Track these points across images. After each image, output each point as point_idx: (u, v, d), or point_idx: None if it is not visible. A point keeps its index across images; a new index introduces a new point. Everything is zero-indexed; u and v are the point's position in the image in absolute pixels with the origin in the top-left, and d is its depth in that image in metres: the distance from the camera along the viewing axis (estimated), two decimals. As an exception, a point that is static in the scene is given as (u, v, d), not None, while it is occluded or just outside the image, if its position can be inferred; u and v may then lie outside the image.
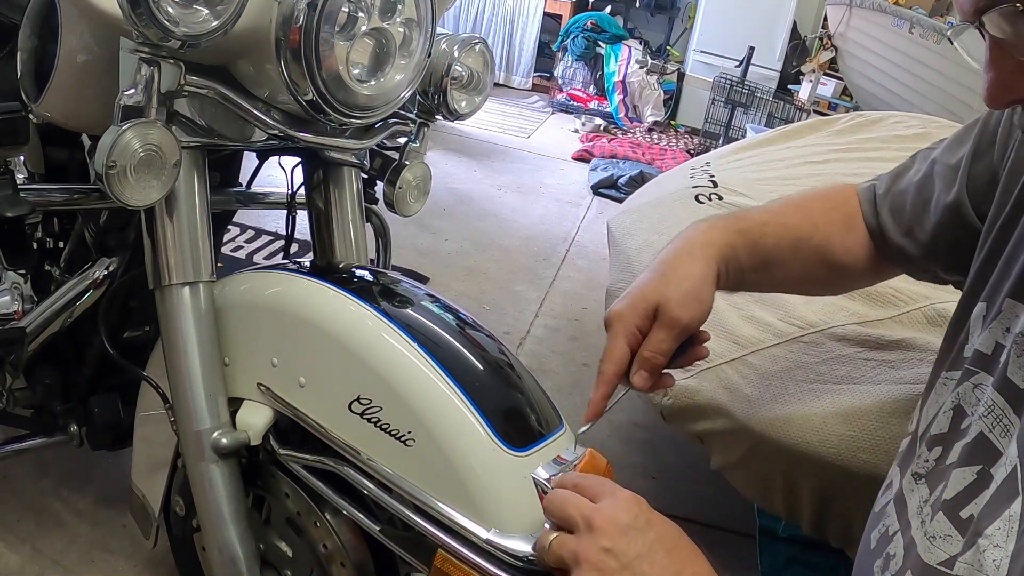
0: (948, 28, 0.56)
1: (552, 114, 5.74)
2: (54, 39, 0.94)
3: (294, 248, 1.35)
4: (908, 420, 0.80)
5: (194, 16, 0.77)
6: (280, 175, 1.19)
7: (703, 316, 0.85)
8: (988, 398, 0.65)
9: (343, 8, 0.85)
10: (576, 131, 5.31)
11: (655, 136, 5.39)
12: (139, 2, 0.72)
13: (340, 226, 1.10)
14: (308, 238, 1.14)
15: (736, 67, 5.09)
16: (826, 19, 5.26)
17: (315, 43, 0.83)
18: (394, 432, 0.84)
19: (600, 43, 5.80)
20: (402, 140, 1.10)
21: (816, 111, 4.97)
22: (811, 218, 0.94)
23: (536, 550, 0.72)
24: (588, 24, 5.83)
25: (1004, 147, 0.77)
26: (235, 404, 0.98)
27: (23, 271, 1.19)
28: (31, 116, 1.01)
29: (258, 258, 2.73)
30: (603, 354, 0.84)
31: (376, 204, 1.23)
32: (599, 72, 5.87)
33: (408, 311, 0.93)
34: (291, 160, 1.14)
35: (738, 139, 4.18)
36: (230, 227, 2.41)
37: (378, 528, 0.91)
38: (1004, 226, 0.73)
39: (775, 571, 1.60)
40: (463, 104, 1.09)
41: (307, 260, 1.11)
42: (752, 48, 4.95)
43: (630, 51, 5.73)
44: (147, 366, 1.08)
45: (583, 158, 4.62)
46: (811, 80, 5.12)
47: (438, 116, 1.09)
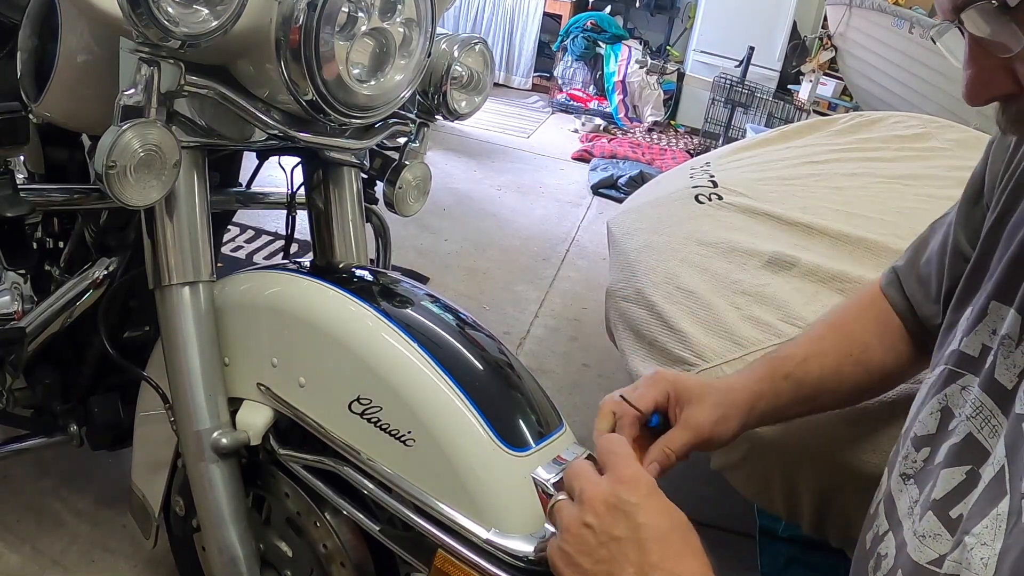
0: (933, 28, 0.57)
1: (552, 114, 5.74)
2: (54, 39, 0.94)
3: (294, 248, 1.35)
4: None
5: (194, 16, 0.77)
6: (280, 175, 1.19)
7: (722, 440, 0.85)
8: (975, 399, 0.65)
9: (343, 8, 0.85)
10: (576, 131, 5.31)
11: (655, 136, 5.39)
12: (139, 2, 0.73)
13: (340, 226, 1.10)
14: (308, 238, 1.14)
15: (736, 67, 5.09)
16: (826, 19, 5.26)
17: (315, 43, 0.83)
18: (394, 432, 0.84)
19: (600, 43, 5.80)
20: (402, 140, 1.10)
21: (816, 111, 4.97)
22: (849, 334, 0.95)
23: (547, 514, 0.72)
24: (588, 24, 5.83)
25: (994, 177, 0.78)
26: (235, 404, 0.98)
27: (23, 271, 1.19)
28: (31, 116, 1.01)
29: (258, 258, 2.73)
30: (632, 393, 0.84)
31: (376, 204, 1.23)
32: (599, 72, 5.88)
33: (408, 311, 0.93)
34: (291, 160, 1.14)
35: (738, 139, 4.18)
36: (230, 227, 2.41)
37: (378, 528, 0.91)
38: (990, 232, 0.74)
39: (775, 571, 1.60)
40: (463, 104, 1.09)
41: (307, 260, 1.11)
42: (752, 48, 4.95)
43: (630, 51, 5.73)
44: (147, 366, 1.08)
45: (583, 158, 4.62)
46: (811, 80, 5.12)
47: (438, 116, 1.09)
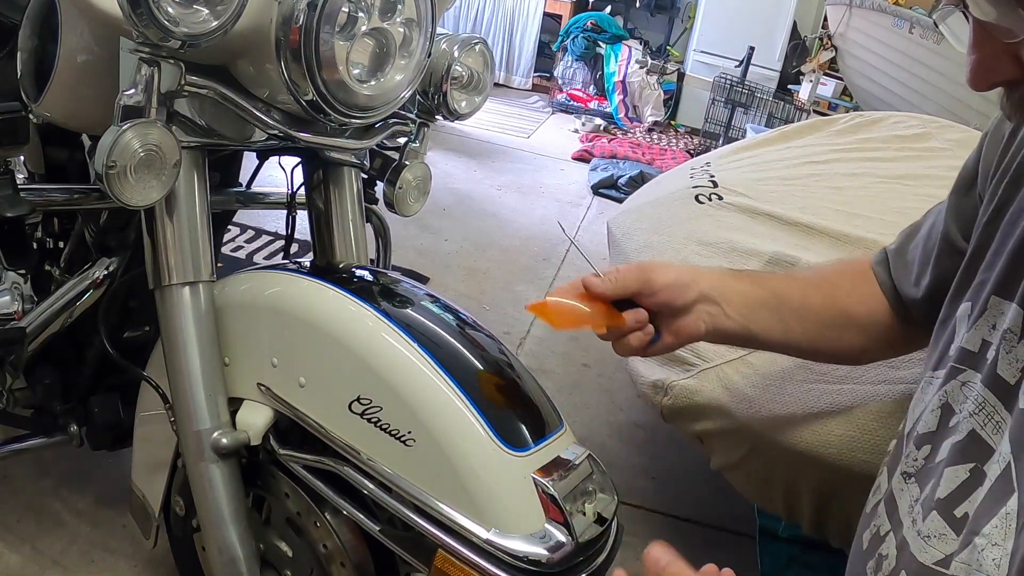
0: (937, 11, 0.57)
1: (552, 114, 5.74)
2: (54, 39, 0.94)
3: (294, 248, 1.35)
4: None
5: (194, 16, 0.77)
6: (280, 175, 1.19)
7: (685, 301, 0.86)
8: (977, 395, 0.65)
9: (343, 8, 0.85)
10: (576, 131, 5.31)
11: (655, 136, 5.39)
12: (139, 2, 0.73)
13: (340, 226, 1.10)
14: (308, 238, 1.14)
15: (736, 67, 5.09)
16: (826, 19, 5.25)
17: (315, 43, 0.83)
18: (394, 432, 0.84)
19: (600, 43, 5.80)
20: (402, 140, 1.10)
21: (816, 111, 4.97)
22: (823, 275, 0.95)
23: None
24: (588, 24, 5.83)
25: (987, 169, 0.77)
26: (235, 404, 0.98)
27: (23, 271, 1.19)
28: (31, 116, 1.01)
29: (258, 258, 2.73)
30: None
31: (376, 204, 1.23)
32: (599, 72, 5.87)
33: (408, 311, 0.93)
34: (291, 160, 1.14)
35: (738, 139, 4.18)
36: (230, 227, 2.41)
37: (378, 528, 0.91)
38: (987, 224, 0.73)
39: (775, 571, 1.60)
40: (463, 104, 1.09)
41: (307, 260, 1.11)
42: (752, 48, 4.95)
43: (630, 51, 5.73)
44: (147, 366, 1.08)
45: (583, 158, 4.62)
46: (811, 80, 5.12)
47: (438, 116, 1.09)
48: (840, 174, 1.78)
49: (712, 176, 1.83)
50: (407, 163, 1.10)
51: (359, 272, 1.05)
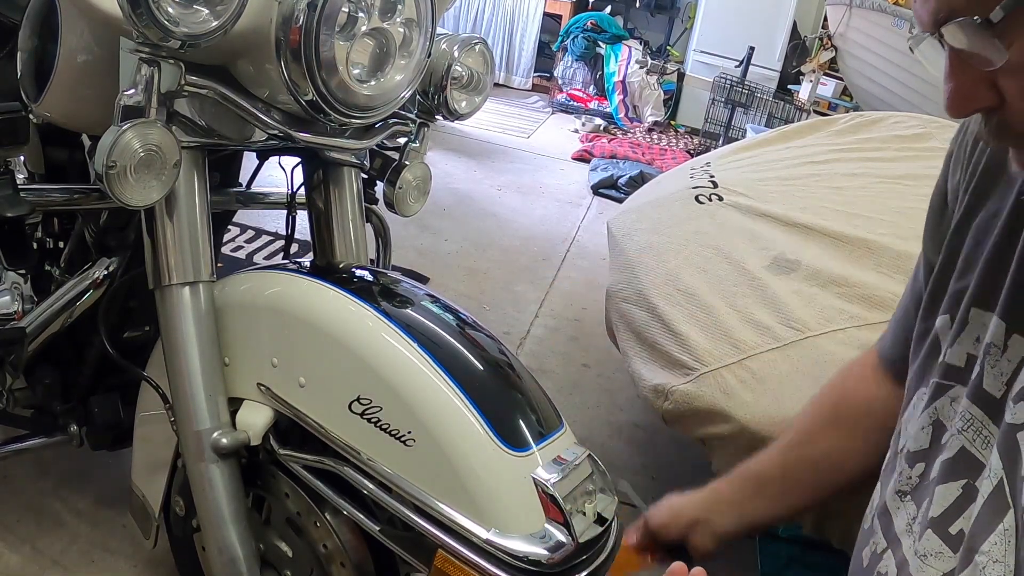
0: (909, 38, 0.57)
1: (552, 114, 5.74)
2: (54, 39, 0.94)
3: (294, 248, 1.35)
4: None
5: (194, 16, 0.77)
6: (280, 175, 1.19)
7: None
8: (964, 411, 0.64)
9: (343, 8, 0.85)
10: (576, 131, 5.31)
11: (655, 136, 5.39)
12: (139, 2, 0.73)
13: (340, 226, 1.10)
14: (308, 238, 1.14)
15: (736, 67, 5.09)
16: (826, 19, 5.25)
17: (315, 43, 0.83)
18: (394, 432, 0.84)
19: (600, 43, 5.80)
20: (402, 140, 1.10)
21: (816, 111, 4.96)
22: (801, 428, 0.94)
23: None
24: (588, 24, 5.83)
25: (956, 186, 0.76)
26: (235, 404, 0.98)
27: (23, 271, 1.19)
28: (31, 116, 1.01)
29: (258, 258, 2.73)
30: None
31: (376, 204, 1.23)
32: (599, 72, 5.87)
33: (408, 311, 0.93)
34: (291, 160, 1.14)
35: (738, 139, 4.18)
36: (230, 227, 2.41)
37: (378, 528, 0.91)
38: (955, 232, 0.72)
39: (775, 571, 1.60)
40: (463, 104, 1.09)
41: (307, 260, 1.11)
42: (752, 48, 4.95)
43: (630, 51, 5.73)
44: (147, 366, 1.08)
45: (583, 158, 4.62)
46: (811, 80, 5.12)
47: (438, 116, 1.09)
48: (840, 174, 1.78)
49: (712, 176, 1.83)
50: (407, 163, 1.10)
51: (359, 272, 1.05)
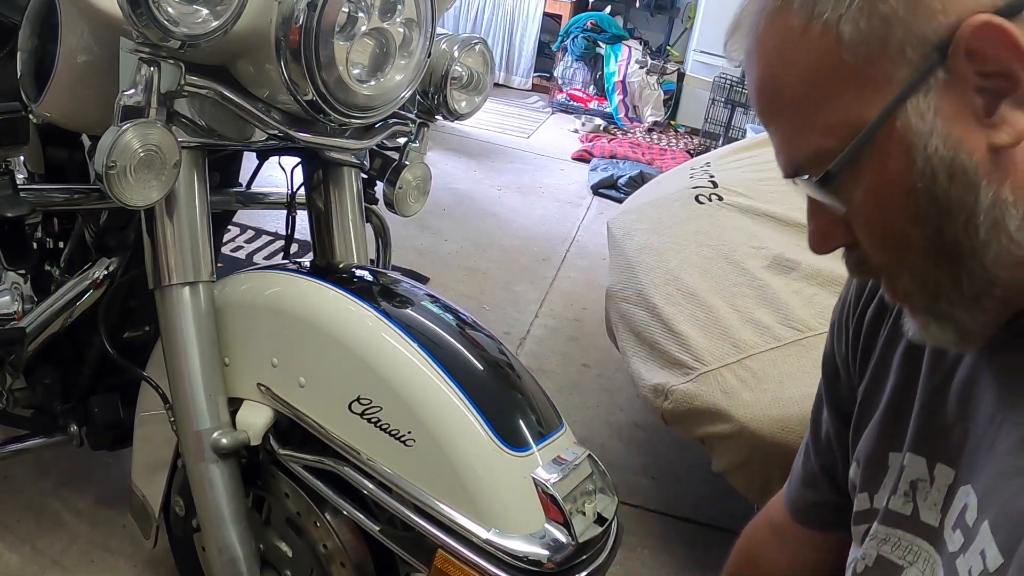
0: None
1: (552, 114, 5.74)
2: (54, 39, 0.94)
3: (294, 248, 1.35)
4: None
5: (194, 16, 0.77)
6: (280, 175, 1.19)
7: None
8: (913, 546, 0.65)
9: (343, 8, 0.85)
10: (576, 131, 5.31)
11: (655, 136, 5.39)
12: (139, 2, 0.73)
13: (340, 226, 1.10)
14: (308, 238, 1.14)
15: (736, 67, 5.08)
16: (826, 19, 5.25)
17: (315, 43, 0.83)
18: (394, 432, 0.84)
19: (600, 43, 5.80)
20: (402, 140, 1.10)
21: (816, 111, 4.96)
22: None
23: None
24: (588, 24, 5.83)
25: (843, 352, 0.77)
26: (235, 404, 0.98)
27: (23, 271, 1.19)
28: (31, 116, 1.01)
29: (258, 258, 2.73)
30: None
31: (376, 204, 1.23)
32: (599, 72, 5.87)
33: (408, 311, 0.93)
34: (291, 160, 1.14)
35: (738, 139, 4.18)
36: (230, 227, 2.41)
37: (378, 528, 0.91)
38: (856, 403, 0.73)
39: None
40: (463, 104, 1.09)
41: (307, 260, 1.11)
42: (752, 48, 4.94)
43: (630, 51, 5.72)
44: (147, 366, 1.08)
45: (583, 158, 4.61)
46: (811, 80, 5.11)
47: (438, 116, 1.09)
48: (840, 174, 1.78)
49: (712, 176, 1.83)
50: (407, 163, 1.10)
51: (359, 272, 1.05)
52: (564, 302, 2.82)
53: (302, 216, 1.19)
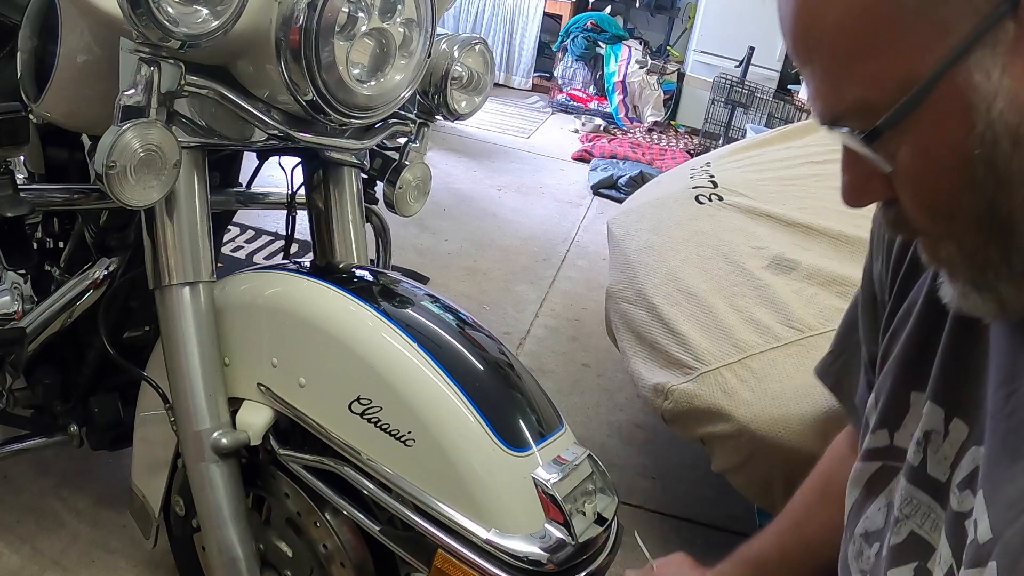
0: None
1: (552, 114, 5.74)
2: (54, 39, 0.94)
3: (294, 248, 1.35)
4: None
5: (194, 16, 0.77)
6: (280, 175, 1.19)
7: None
8: (909, 495, 0.63)
9: (343, 8, 0.85)
10: (576, 131, 5.31)
11: (655, 136, 5.39)
12: (139, 2, 0.73)
13: (340, 226, 1.10)
14: (308, 238, 1.14)
15: (736, 67, 5.09)
16: (826, 19, 5.24)
17: (315, 43, 0.83)
18: (394, 432, 0.84)
19: (600, 43, 5.80)
20: (402, 140, 1.10)
21: (816, 111, 4.95)
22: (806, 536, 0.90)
23: None
24: (588, 24, 5.83)
25: (880, 275, 0.73)
26: (235, 404, 0.98)
27: (23, 271, 1.19)
28: (31, 116, 1.01)
29: (258, 258, 2.73)
30: None
31: (376, 204, 1.23)
32: (599, 72, 5.87)
33: (408, 311, 0.93)
34: (291, 160, 1.14)
35: (738, 139, 4.18)
36: (230, 227, 2.41)
37: (378, 528, 0.91)
38: (888, 318, 0.70)
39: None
40: (463, 104, 1.09)
41: (307, 260, 1.11)
42: (752, 48, 4.94)
43: (630, 51, 5.72)
44: (147, 366, 1.08)
45: (583, 158, 4.61)
46: (811, 80, 5.11)
47: (438, 116, 1.09)
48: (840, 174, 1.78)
49: (712, 176, 1.83)
50: (407, 163, 1.10)
51: (359, 272, 1.05)
52: (564, 302, 2.82)
53: (302, 216, 1.19)
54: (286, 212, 1.22)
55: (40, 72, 1.00)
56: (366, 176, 1.15)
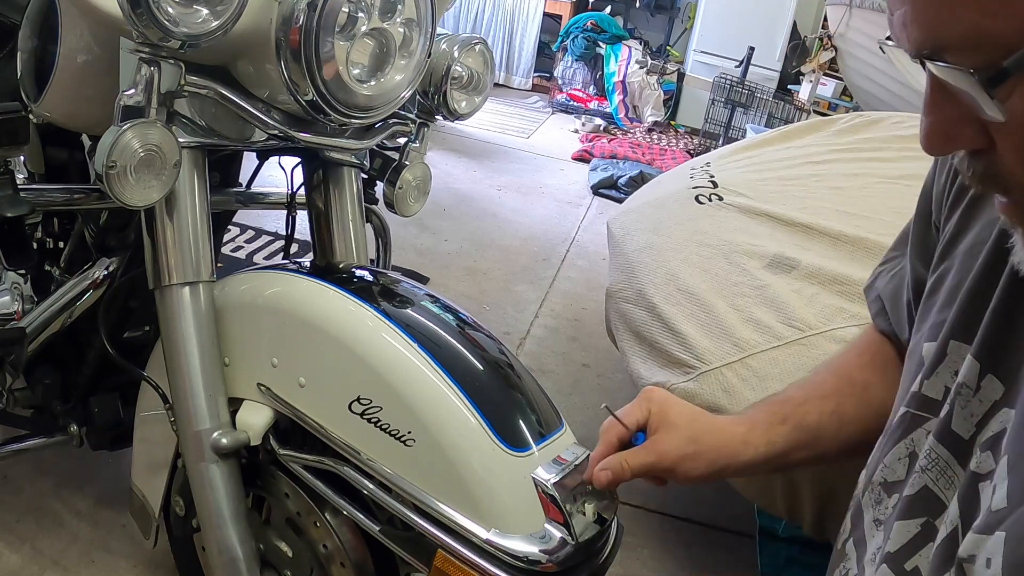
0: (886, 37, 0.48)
1: (552, 114, 5.74)
2: (54, 39, 0.94)
3: (294, 248, 1.36)
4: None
5: (194, 16, 0.77)
6: (280, 175, 1.19)
7: (687, 476, 0.77)
8: (930, 449, 0.61)
9: (343, 8, 0.85)
10: (576, 131, 5.31)
11: (655, 136, 5.39)
12: (139, 2, 0.73)
13: (340, 226, 1.10)
14: (308, 238, 1.14)
15: (736, 67, 5.09)
16: (826, 19, 5.25)
17: (315, 43, 0.83)
18: (394, 432, 0.84)
19: (600, 43, 5.80)
20: (402, 140, 1.10)
21: (816, 111, 4.96)
22: (848, 375, 0.83)
23: None
24: (588, 24, 5.83)
25: (940, 195, 0.70)
26: (235, 404, 0.98)
27: (23, 271, 1.19)
28: (31, 116, 1.01)
29: (258, 258, 2.73)
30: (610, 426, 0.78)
31: (376, 204, 1.23)
32: (599, 72, 5.87)
33: (408, 311, 0.93)
34: (291, 160, 1.14)
35: (738, 139, 4.18)
36: (230, 227, 2.41)
37: (378, 528, 0.91)
38: (941, 256, 0.67)
39: (775, 571, 1.60)
40: (463, 104, 1.09)
41: (307, 260, 1.11)
42: (752, 48, 4.95)
43: (630, 51, 5.73)
44: (147, 366, 1.08)
45: (583, 158, 4.62)
46: (811, 80, 5.12)
47: (438, 116, 1.09)
48: (840, 174, 1.78)
49: (712, 176, 1.83)
50: (407, 163, 1.10)
51: (359, 272, 1.05)
52: (564, 302, 2.82)
53: (302, 216, 1.19)
54: (286, 212, 1.22)
55: (40, 72, 1.00)
56: (366, 176, 1.15)
